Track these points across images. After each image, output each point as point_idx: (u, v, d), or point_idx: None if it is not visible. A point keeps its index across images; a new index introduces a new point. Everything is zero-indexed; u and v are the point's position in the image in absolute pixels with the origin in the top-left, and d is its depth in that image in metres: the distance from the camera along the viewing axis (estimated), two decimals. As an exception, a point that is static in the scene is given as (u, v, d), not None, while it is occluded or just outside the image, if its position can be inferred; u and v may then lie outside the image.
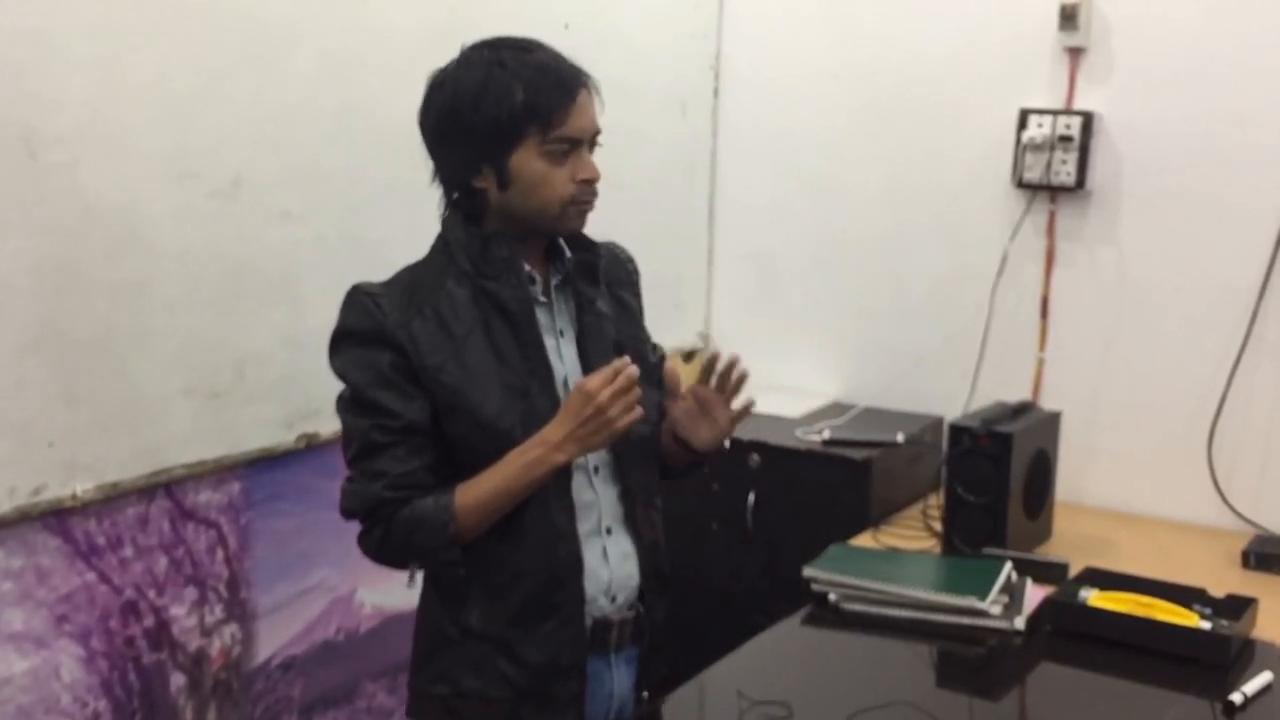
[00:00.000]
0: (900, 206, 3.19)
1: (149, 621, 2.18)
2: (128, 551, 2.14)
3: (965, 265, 3.10)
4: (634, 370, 1.73)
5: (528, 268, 1.81)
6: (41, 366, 1.95)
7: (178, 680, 2.25)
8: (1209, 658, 2.07)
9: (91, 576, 2.08)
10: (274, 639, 2.41)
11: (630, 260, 2.02)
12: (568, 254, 1.86)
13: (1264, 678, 2.00)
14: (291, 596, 2.43)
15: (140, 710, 2.18)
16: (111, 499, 2.09)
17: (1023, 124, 2.93)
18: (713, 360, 1.91)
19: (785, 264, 3.39)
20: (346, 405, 1.77)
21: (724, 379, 1.91)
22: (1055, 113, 2.90)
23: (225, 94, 2.17)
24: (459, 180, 1.79)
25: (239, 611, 2.34)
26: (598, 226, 1.80)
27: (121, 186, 2.03)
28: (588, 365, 1.84)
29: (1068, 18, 2.86)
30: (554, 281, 1.85)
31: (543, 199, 1.76)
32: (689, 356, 3.48)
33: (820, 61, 3.26)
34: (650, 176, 3.24)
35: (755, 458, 2.95)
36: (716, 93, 3.41)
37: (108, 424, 2.05)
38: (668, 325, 3.39)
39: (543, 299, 1.83)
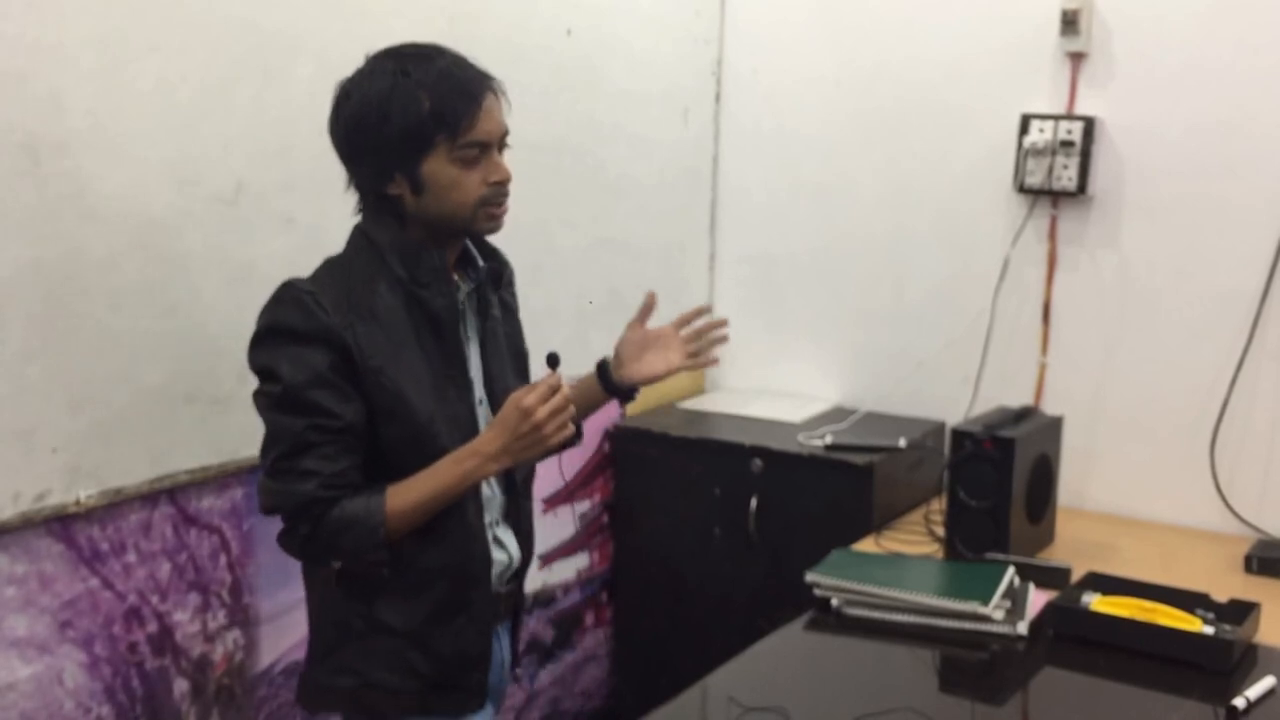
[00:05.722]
0: (903, 211, 3.19)
1: (152, 627, 2.18)
2: (131, 557, 2.14)
3: (967, 270, 3.10)
4: (568, 389, 1.79)
5: (455, 277, 1.86)
6: (45, 372, 1.96)
7: (181, 686, 2.25)
8: (1212, 663, 2.07)
9: (95, 582, 2.09)
10: (277, 644, 2.41)
11: (508, 263, 2.03)
12: (481, 263, 1.91)
13: (1267, 682, 2.00)
14: (294, 602, 2.42)
15: (143, 716, 2.18)
16: (115, 505, 2.09)
17: (1024, 129, 2.94)
18: (698, 310, 2.10)
19: (788, 269, 3.39)
20: (275, 402, 1.74)
21: (702, 330, 2.09)
22: (1057, 118, 2.90)
23: (227, 101, 2.17)
24: (373, 188, 1.81)
25: (242, 617, 2.34)
26: (601, 233, 1.80)
27: (124, 193, 2.03)
28: (488, 368, 1.92)
29: (1069, 23, 2.86)
30: (467, 289, 1.89)
31: (455, 203, 1.78)
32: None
33: (822, 67, 3.26)
34: (652, 182, 3.24)
35: (758, 463, 2.95)
36: (718, 98, 3.42)
37: (111, 430, 2.06)
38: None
39: (461, 307, 1.88)
